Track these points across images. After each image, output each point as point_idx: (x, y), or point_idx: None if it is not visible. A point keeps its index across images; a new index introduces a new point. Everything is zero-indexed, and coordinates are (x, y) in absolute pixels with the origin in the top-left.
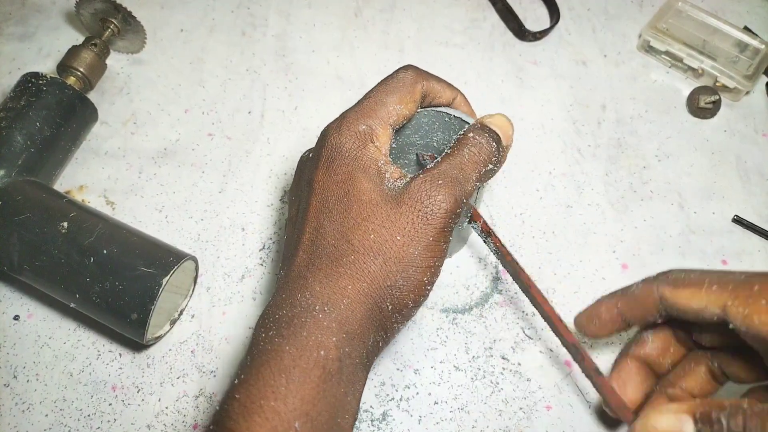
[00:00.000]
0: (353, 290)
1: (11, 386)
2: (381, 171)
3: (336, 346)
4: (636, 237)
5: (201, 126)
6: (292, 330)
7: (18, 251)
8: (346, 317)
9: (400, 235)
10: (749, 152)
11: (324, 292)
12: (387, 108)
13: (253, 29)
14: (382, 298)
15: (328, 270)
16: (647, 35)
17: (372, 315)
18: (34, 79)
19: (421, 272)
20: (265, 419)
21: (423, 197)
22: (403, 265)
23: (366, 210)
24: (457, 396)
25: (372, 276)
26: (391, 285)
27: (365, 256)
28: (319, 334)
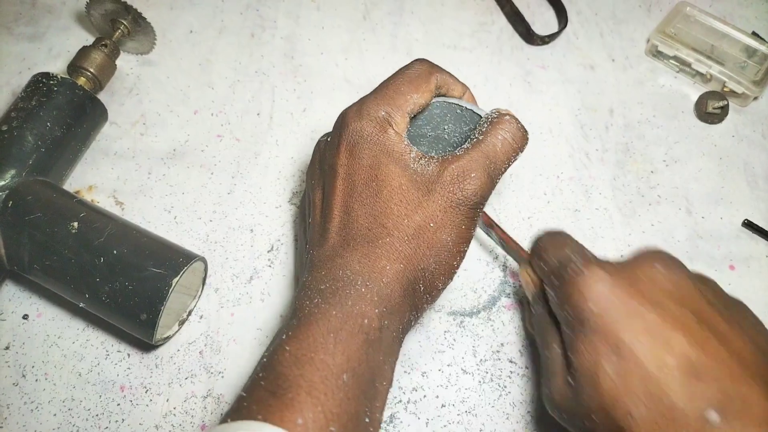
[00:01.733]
0: (391, 270)
1: (20, 385)
2: (404, 154)
3: (378, 317)
4: (643, 242)
5: (210, 127)
6: (338, 299)
7: (28, 251)
8: (387, 294)
9: (432, 221)
10: (757, 158)
11: (364, 270)
12: (404, 96)
13: (262, 31)
14: (417, 280)
15: (365, 250)
16: (655, 40)
17: (407, 294)
18: (44, 79)
19: (452, 257)
20: (315, 368)
21: (455, 188)
22: (435, 249)
23: (396, 195)
24: (464, 399)
25: (407, 258)
26: (424, 268)
27: (400, 240)
28: (363, 304)
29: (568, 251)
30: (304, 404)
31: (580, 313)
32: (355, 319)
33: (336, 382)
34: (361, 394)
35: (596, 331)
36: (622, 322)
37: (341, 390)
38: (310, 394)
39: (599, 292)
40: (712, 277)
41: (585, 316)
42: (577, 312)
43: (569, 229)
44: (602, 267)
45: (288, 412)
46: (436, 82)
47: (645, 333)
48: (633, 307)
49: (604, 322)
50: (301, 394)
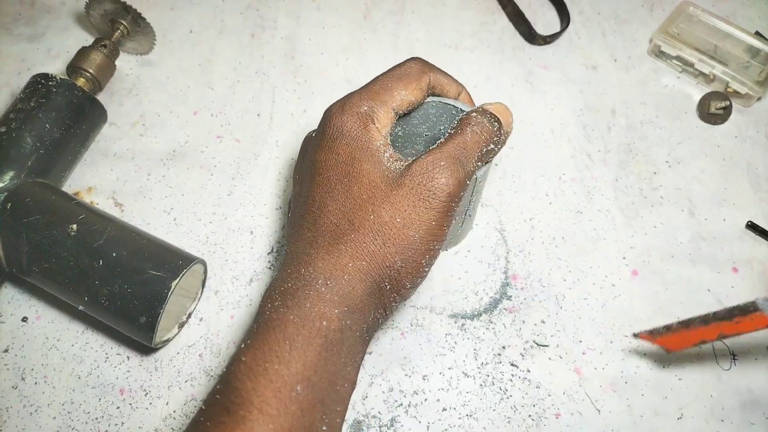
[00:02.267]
0: (353, 267)
1: (19, 388)
2: (380, 152)
3: (338, 318)
4: (646, 243)
5: (210, 128)
6: (296, 301)
7: (27, 253)
8: (347, 292)
9: (399, 217)
10: (760, 158)
11: (326, 267)
12: (391, 92)
13: (262, 31)
14: (381, 278)
15: (329, 247)
16: (658, 40)
17: (372, 292)
18: (43, 80)
19: (419, 255)
20: (269, 380)
21: (424, 179)
22: (402, 247)
23: (367, 191)
24: (465, 403)
25: (371, 255)
26: (389, 266)
27: (365, 236)
28: (322, 305)
29: None
30: (255, 422)
31: None
32: (313, 321)
33: (289, 394)
34: (318, 402)
35: None
36: None
37: (294, 402)
38: (261, 411)
39: None
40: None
41: None
42: None
43: (571, 230)
44: None
45: (239, 431)
46: (428, 81)
47: None
48: None
49: None
50: (253, 411)
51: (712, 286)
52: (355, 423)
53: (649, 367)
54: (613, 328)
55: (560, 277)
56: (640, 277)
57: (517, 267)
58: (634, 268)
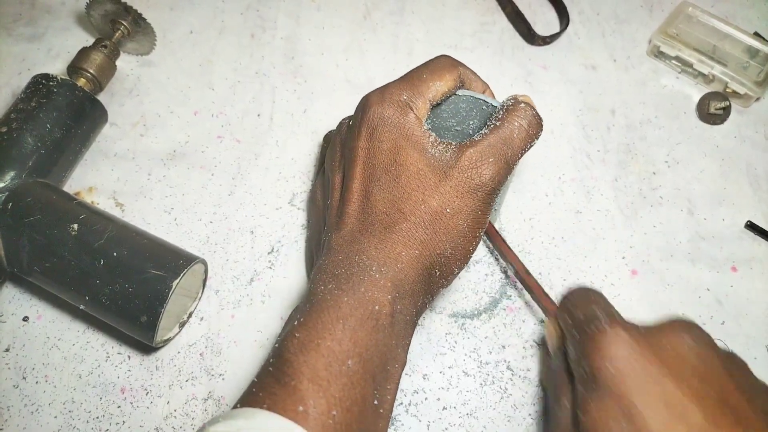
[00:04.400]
0: (407, 256)
1: (20, 387)
2: (424, 139)
3: (390, 303)
4: (645, 243)
5: (210, 128)
6: (351, 285)
7: (28, 253)
8: (400, 279)
9: (449, 207)
10: (760, 159)
11: (379, 255)
12: (427, 83)
13: (263, 31)
14: (433, 265)
15: (381, 236)
16: (657, 40)
17: (422, 279)
18: (44, 80)
19: (467, 242)
20: (321, 355)
21: (472, 173)
22: (452, 235)
23: (415, 180)
24: (465, 402)
25: (424, 244)
26: (440, 253)
27: (417, 226)
28: (376, 291)
29: (596, 308)
30: (306, 392)
31: (596, 372)
32: (366, 305)
33: (340, 368)
34: (369, 378)
35: (610, 392)
36: (638, 387)
37: (345, 375)
38: (312, 381)
39: (619, 353)
40: (743, 359)
41: (601, 375)
42: (594, 370)
43: (571, 230)
44: (626, 329)
45: (290, 400)
46: (459, 74)
47: (661, 402)
48: (652, 374)
49: (619, 384)
50: (304, 381)
51: (712, 285)
52: None
53: None
54: None
55: (560, 276)
56: (639, 276)
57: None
58: (633, 268)
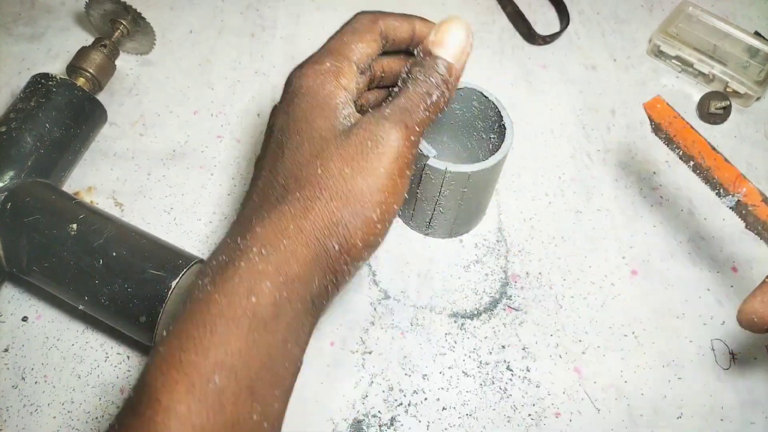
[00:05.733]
0: (294, 229)
1: (19, 388)
2: (338, 108)
3: (270, 292)
4: (646, 243)
5: (210, 128)
6: (226, 276)
7: (27, 253)
8: (285, 259)
9: (348, 167)
10: (760, 158)
11: (264, 233)
12: (349, 47)
13: (262, 31)
14: (328, 237)
15: (271, 210)
16: (657, 40)
17: (317, 256)
18: (43, 80)
19: (369, 207)
20: (183, 374)
21: (371, 126)
22: (349, 199)
23: (317, 146)
24: (465, 402)
25: (315, 212)
26: (336, 222)
27: (311, 192)
28: (252, 279)
29: None
30: (161, 425)
31: None
32: (240, 299)
33: (205, 387)
34: (244, 391)
35: None
36: None
37: (211, 396)
38: (169, 410)
39: None
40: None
41: None
42: None
43: (571, 230)
44: None
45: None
46: (380, 30)
47: None
48: None
49: None
50: (160, 411)
51: (712, 285)
52: (355, 422)
53: (649, 366)
54: (613, 327)
55: (560, 276)
56: (639, 276)
57: (517, 267)
58: (633, 268)
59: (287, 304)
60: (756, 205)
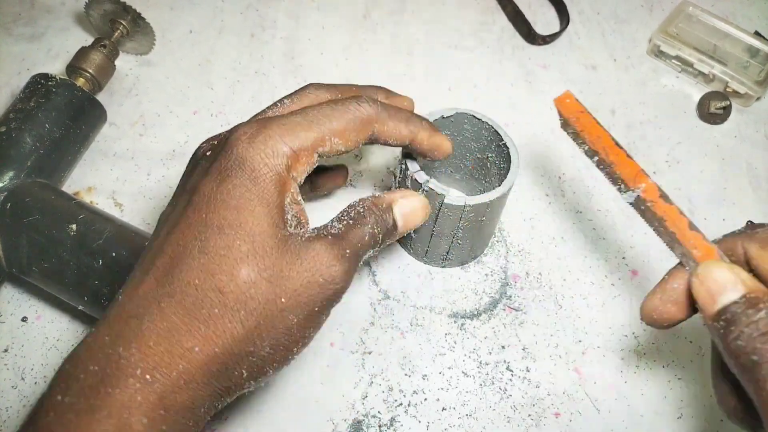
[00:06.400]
0: (200, 355)
1: (19, 388)
2: (286, 206)
3: (146, 427)
4: (646, 243)
5: (210, 128)
6: (91, 403)
7: (27, 253)
8: (174, 388)
9: (285, 296)
10: (760, 158)
11: (158, 351)
12: (323, 135)
13: (262, 31)
14: (237, 364)
15: (176, 320)
16: (657, 40)
17: (214, 381)
18: (43, 80)
19: (293, 342)
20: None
21: (325, 263)
22: (276, 332)
23: (252, 258)
24: (465, 402)
25: (233, 339)
26: (253, 351)
27: (234, 314)
28: (126, 413)
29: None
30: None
31: None
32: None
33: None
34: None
35: None
36: None
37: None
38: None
39: None
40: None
41: None
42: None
43: (571, 230)
44: None
45: None
46: (371, 133)
47: None
48: None
49: None
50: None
51: None
52: (355, 423)
53: (649, 367)
54: (612, 327)
55: (560, 276)
56: (639, 276)
57: (517, 267)
58: (633, 268)
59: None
60: (654, 201)
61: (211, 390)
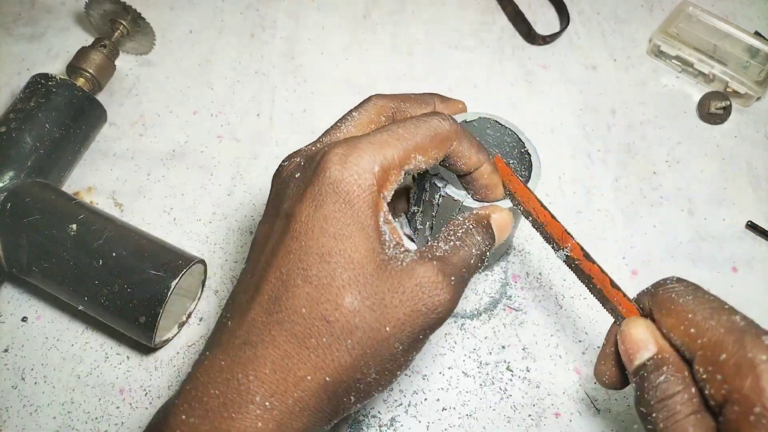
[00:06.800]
0: (312, 383)
1: (19, 388)
2: (383, 231)
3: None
4: (646, 243)
5: (209, 128)
6: (216, 426)
7: (27, 253)
8: (291, 415)
9: (390, 326)
10: (760, 158)
11: (274, 379)
12: (409, 151)
13: (262, 31)
14: (346, 391)
15: (288, 348)
16: (657, 40)
17: (325, 407)
18: (43, 80)
19: (397, 367)
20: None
21: (429, 291)
22: (382, 359)
23: (355, 285)
24: (465, 402)
25: (342, 369)
26: (360, 378)
27: (341, 343)
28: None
29: (739, 318)
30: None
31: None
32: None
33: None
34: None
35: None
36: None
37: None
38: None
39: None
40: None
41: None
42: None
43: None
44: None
45: None
46: (450, 149)
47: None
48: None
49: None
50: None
51: (712, 285)
52: (355, 423)
53: None
54: None
55: (560, 277)
56: (639, 277)
57: (517, 267)
58: (634, 268)
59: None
60: (580, 260)
61: (321, 415)
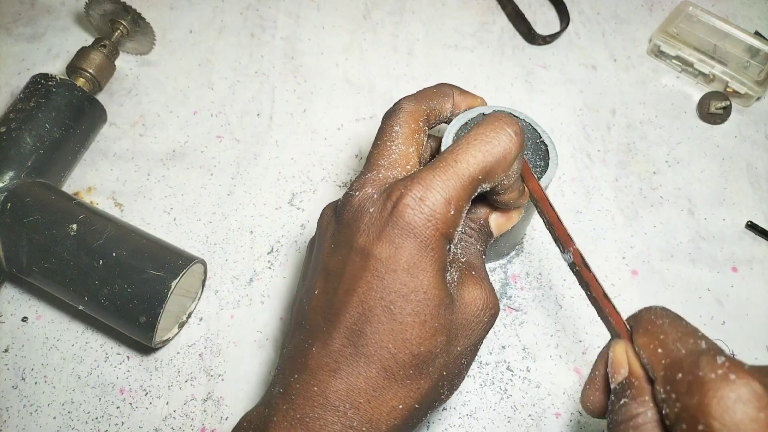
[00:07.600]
0: (403, 411)
1: (19, 388)
2: (447, 266)
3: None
4: (646, 243)
5: (210, 128)
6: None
7: (27, 253)
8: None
9: (459, 345)
10: (760, 158)
11: (368, 408)
12: (477, 179)
13: (262, 31)
14: (425, 411)
15: (379, 381)
16: (657, 40)
17: (410, 428)
18: (43, 80)
19: (461, 379)
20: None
21: (482, 304)
22: (453, 376)
23: (435, 317)
24: (465, 402)
25: (425, 394)
26: (436, 397)
27: (425, 373)
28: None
29: (702, 341)
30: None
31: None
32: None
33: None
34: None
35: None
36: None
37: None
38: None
39: (749, 414)
40: None
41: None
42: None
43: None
44: (757, 378)
45: None
46: (520, 167)
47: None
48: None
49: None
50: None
51: (712, 285)
52: None
53: None
54: None
55: (560, 277)
56: (639, 277)
57: (517, 267)
58: (633, 268)
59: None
60: (580, 267)
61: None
